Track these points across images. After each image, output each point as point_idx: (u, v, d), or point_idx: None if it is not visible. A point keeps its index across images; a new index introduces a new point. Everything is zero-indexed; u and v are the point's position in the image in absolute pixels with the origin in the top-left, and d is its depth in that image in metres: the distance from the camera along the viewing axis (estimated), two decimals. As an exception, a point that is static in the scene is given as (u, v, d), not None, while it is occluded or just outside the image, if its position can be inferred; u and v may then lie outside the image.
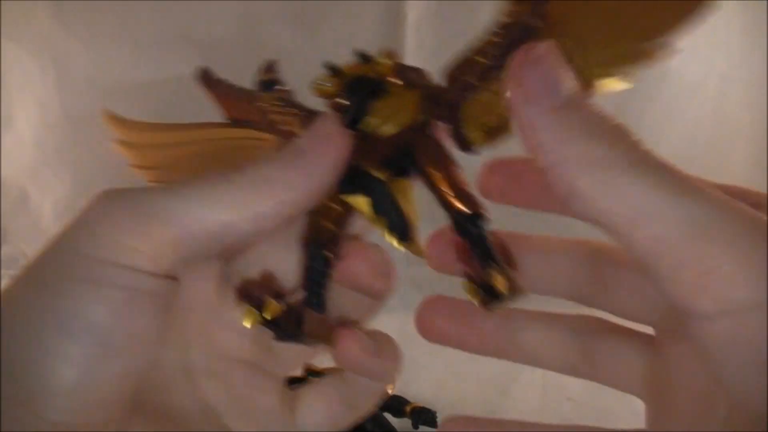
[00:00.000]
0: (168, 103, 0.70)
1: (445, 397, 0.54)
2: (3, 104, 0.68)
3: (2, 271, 0.67)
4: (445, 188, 0.19)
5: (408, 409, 0.52)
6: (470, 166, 0.22)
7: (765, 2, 0.67)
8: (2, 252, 0.70)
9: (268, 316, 0.20)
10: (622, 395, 0.29)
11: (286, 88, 0.24)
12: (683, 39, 0.18)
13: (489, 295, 0.19)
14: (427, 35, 0.67)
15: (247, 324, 0.20)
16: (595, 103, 0.17)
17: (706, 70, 0.70)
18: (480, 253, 0.19)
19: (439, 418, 0.52)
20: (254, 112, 0.24)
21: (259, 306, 0.20)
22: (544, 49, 0.17)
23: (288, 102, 0.24)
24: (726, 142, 0.73)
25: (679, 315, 0.17)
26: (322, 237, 0.20)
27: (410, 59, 0.68)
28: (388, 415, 0.51)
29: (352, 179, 0.20)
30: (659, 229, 0.16)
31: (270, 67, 0.25)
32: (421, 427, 0.51)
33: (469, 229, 0.19)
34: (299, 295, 0.21)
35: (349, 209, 0.21)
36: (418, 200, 0.21)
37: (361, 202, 0.20)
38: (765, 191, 0.22)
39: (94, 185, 0.76)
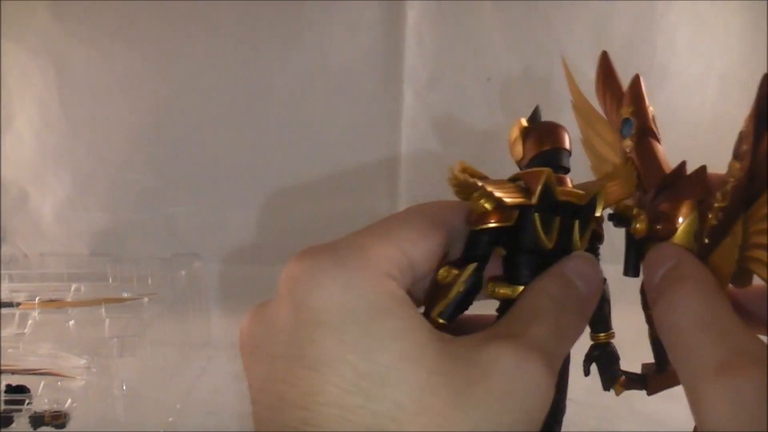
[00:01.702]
0: (169, 102, 0.70)
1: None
2: (3, 104, 0.68)
3: (2, 272, 0.67)
4: None
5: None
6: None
7: (765, 2, 0.67)
8: (2, 252, 0.70)
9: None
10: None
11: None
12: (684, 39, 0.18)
13: None
14: (427, 35, 0.67)
15: None
16: None
17: (706, 70, 0.70)
18: None
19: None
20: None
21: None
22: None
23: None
24: (726, 142, 0.72)
25: None
26: None
27: (410, 59, 0.68)
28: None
29: None
30: None
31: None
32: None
33: None
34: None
35: None
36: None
37: None
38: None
39: (94, 185, 0.76)
